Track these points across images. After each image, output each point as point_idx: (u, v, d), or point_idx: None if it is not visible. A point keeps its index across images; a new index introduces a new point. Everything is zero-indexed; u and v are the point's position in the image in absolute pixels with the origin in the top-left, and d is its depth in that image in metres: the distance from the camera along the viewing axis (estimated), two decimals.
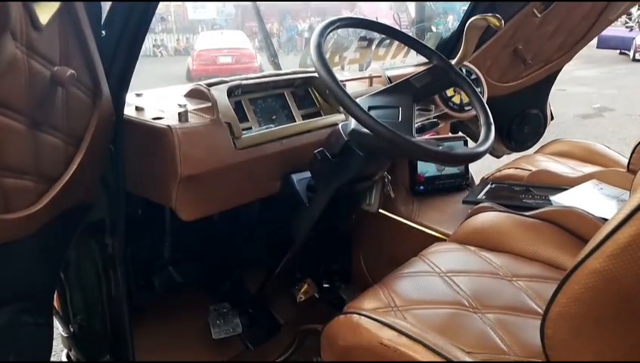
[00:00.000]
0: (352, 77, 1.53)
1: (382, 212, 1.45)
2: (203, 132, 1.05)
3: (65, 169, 0.87)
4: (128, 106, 1.05)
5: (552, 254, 1.08)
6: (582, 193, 1.26)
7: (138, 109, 1.10)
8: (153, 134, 1.03)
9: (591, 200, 1.20)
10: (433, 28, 2.93)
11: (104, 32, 0.93)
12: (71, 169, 0.88)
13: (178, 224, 1.19)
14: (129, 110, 1.08)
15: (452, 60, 1.20)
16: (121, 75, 0.98)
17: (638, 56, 10.56)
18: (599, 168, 1.50)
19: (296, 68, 1.37)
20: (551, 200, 1.25)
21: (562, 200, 1.23)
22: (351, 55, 1.47)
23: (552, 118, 2.19)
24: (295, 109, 1.31)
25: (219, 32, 13.36)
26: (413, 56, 1.55)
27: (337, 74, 0.97)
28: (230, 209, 1.19)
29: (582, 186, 1.29)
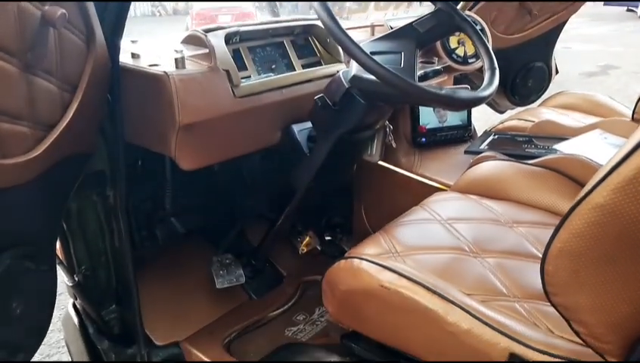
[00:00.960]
0: (353, 26, 1.49)
1: (383, 164, 1.44)
2: (201, 79, 1.03)
3: (62, 116, 0.87)
4: (123, 53, 1.03)
5: (554, 201, 1.07)
6: (586, 142, 1.24)
7: (134, 56, 1.07)
8: (150, 81, 1.01)
9: (595, 149, 1.19)
10: None
11: None
12: (68, 116, 0.87)
13: (178, 175, 1.18)
14: (125, 57, 1.05)
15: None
16: (115, 20, 0.96)
17: None
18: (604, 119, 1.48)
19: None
20: (555, 148, 1.24)
21: (565, 148, 1.22)
22: (353, 5, 1.43)
23: (557, 72, 2.15)
24: (295, 58, 1.28)
25: None
26: (416, 8, 1.51)
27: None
28: (230, 161, 1.19)
29: (586, 135, 1.28)
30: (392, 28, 1.49)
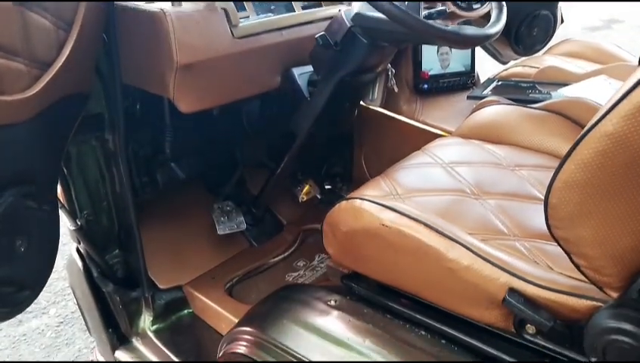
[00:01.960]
0: None
1: (384, 111, 1.43)
2: (199, 18, 1.00)
3: (58, 55, 0.86)
4: None
5: (558, 145, 1.07)
6: (591, 86, 1.22)
7: None
8: (145, 19, 0.98)
9: (600, 93, 1.17)
10: None
11: None
12: (64, 54, 0.86)
13: (177, 118, 1.17)
14: None
15: None
16: None
17: None
18: None
19: None
20: (559, 92, 1.22)
21: (570, 92, 1.20)
22: None
23: (562, 21, 2.10)
24: None
25: None
26: None
27: None
28: (230, 105, 1.17)
29: (591, 80, 1.26)
30: None
